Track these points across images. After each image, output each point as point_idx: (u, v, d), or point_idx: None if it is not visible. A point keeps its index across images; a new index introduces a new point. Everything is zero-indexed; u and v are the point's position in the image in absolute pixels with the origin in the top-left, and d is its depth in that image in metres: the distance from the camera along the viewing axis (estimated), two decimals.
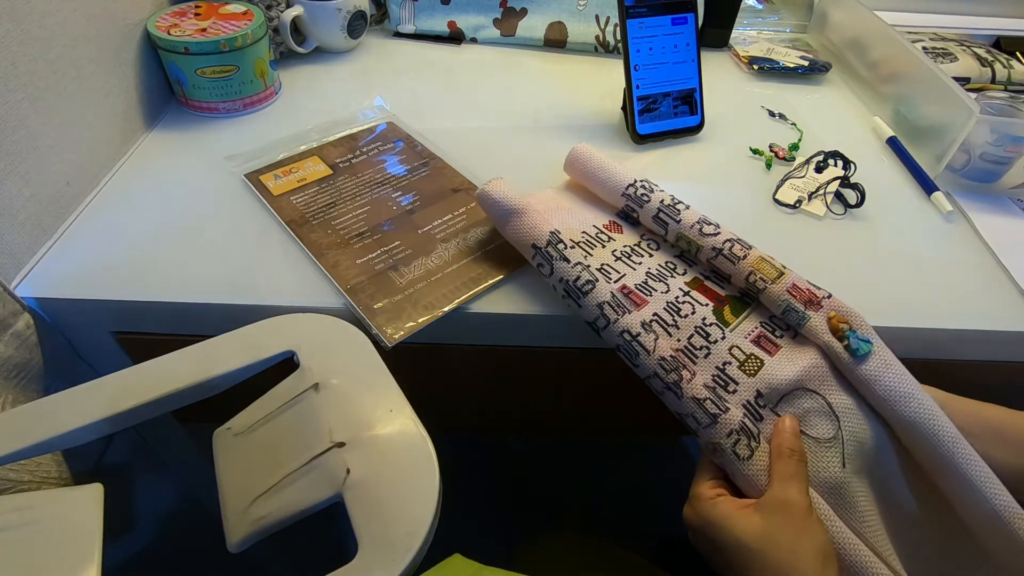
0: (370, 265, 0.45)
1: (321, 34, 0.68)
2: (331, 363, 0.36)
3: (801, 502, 0.33)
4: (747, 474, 0.35)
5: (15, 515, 0.30)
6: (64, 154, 0.47)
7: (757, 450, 0.35)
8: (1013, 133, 0.52)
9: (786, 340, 0.40)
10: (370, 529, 0.29)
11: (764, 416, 0.37)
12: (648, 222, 0.46)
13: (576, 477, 1.02)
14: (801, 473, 0.34)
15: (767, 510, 0.33)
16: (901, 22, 0.76)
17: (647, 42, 0.57)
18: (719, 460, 0.36)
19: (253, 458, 0.34)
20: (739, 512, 0.34)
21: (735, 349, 0.39)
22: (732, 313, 0.41)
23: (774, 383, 0.37)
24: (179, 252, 0.46)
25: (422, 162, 0.55)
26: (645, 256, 0.45)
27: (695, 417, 0.36)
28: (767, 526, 0.33)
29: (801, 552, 0.32)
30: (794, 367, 0.38)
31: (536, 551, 0.56)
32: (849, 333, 0.38)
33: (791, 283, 0.40)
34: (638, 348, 0.38)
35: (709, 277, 0.44)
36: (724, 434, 0.35)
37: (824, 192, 0.54)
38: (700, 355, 0.39)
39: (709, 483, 0.36)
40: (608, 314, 0.39)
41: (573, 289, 0.40)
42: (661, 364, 0.37)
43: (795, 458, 0.35)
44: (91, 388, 0.34)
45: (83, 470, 0.44)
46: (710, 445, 0.36)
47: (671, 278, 0.43)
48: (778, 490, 0.34)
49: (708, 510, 0.35)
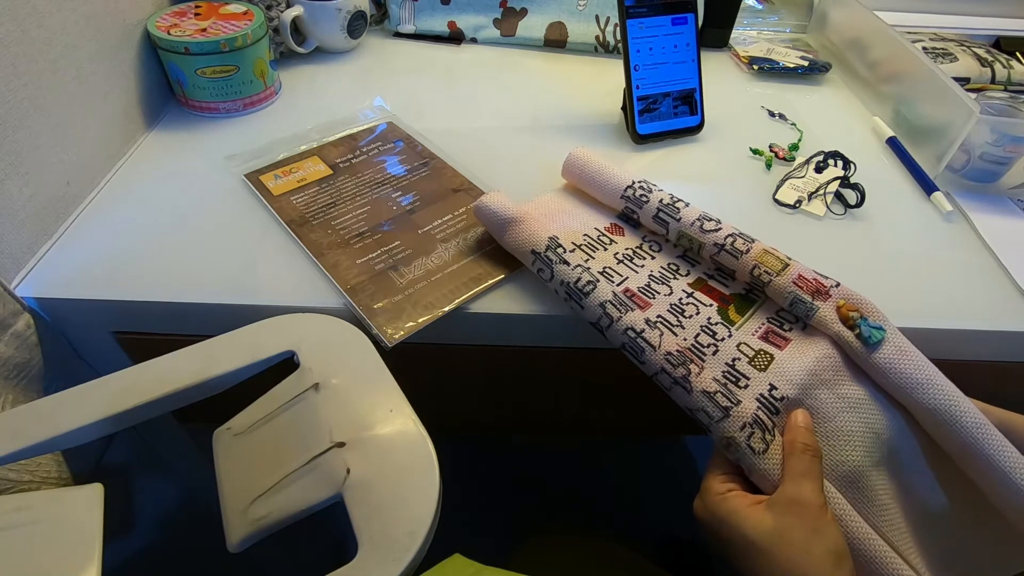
0: (370, 265, 0.45)
1: (321, 34, 0.68)
2: (331, 363, 0.36)
3: (814, 500, 0.32)
4: (763, 468, 0.34)
5: (15, 515, 0.30)
6: (64, 154, 0.47)
7: (773, 443, 0.34)
8: (1013, 133, 0.52)
9: (795, 333, 0.39)
10: (370, 529, 0.29)
11: (780, 409, 0.36)
12: (648, 223, 0.46)
13: (576, 477, 1.02)
14: (815, 470, 0.33)
15: (779, 508, 0.32)
16: (901, 22, 0.76)
17: (647, 42, 0.57)
18: (734, 456, 0.35)
19: (253, 458, 0.34)
20: (750, 509, 0.33)
21: (743, 346, 0.38)
22: (737, 312, 0.41)
23: (786, 376, 0.36)
24: (179, 252, 0.46)
25: (422, 162, 0.55)
26: (647, 259, 0.45)
27: (706, 411, 0.35)
28: (778, 525, 0.32)
29: (813, 552, 0.31)
30: (805, 359, 0.37)
31: (536, 551, 0.56)
32: (860, 321, 0.37)
33: (797, 274, 0.39)
34: (643, 344, 0.37)
35: (713, 276, 0.43)
36: (738, 427, 0.34)
37: (824, 192, 0.54)
38: (708, 352, 0.38)
39: (721, 477, 0.35)
40: (611, 312, 0.39)
41: (574, 291, 0.40)
42: (668, 359, 0.37)
43: (808, 454, 0.34)
44: (91, 388, 0.34)
45: (83, 470, 0.44)
46: (724, 440, 0.35)
47: (674, 280, 0.43)
48: (790, 488, 0.33)
49: (718, 505, 0.34)
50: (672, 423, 0.57)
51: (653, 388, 0.39)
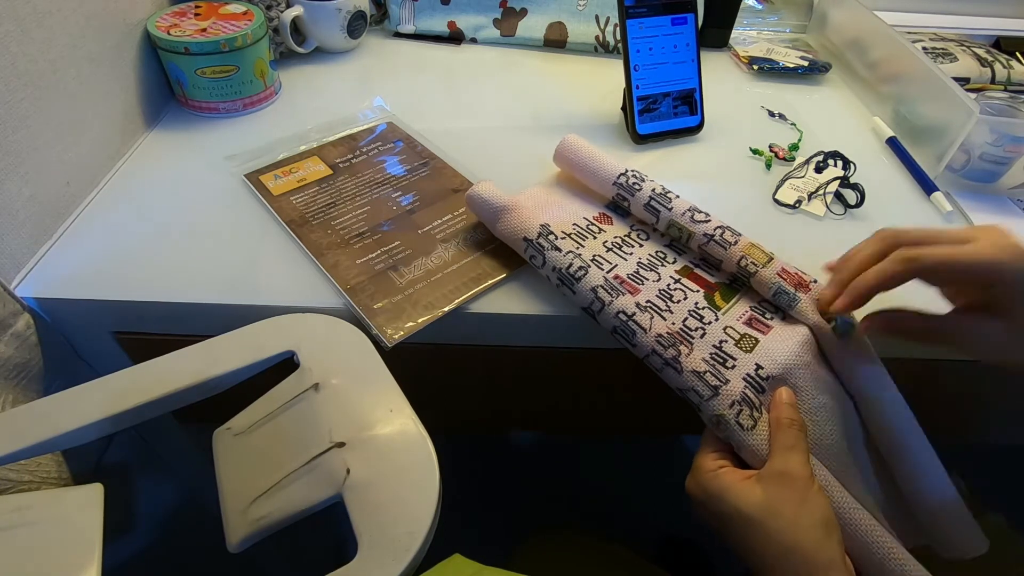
0: (370, 265, 0.45)
1: (321, 34, 0.68)
2: (331, 363, 0.36)
3: (802, 472, 0.33)
4: (751, 444, 0.35)
5: (15, 515, 0.30)
6: (64, 154, 0.47)
7: (760, 420, 0.36)
8: (1013, 133, 0.52)
9: (776, 321, 0.41)
10: (370, 529, 0.29)
11: (765, 388, 0.37)
12: (639, 211, 0.46)
13: (577, 477, 1.02)
14: (801, 444, 0.35)
15: (768, 481, 0.33)
16: (901, 22, 0.76)
17: (647, 42, 0.57)
18: (723, 433, 0.36)
19: (253, 458, 0.34)
20: (741, 483, 0.34)
21: (729, 329, 0.40)
22: (722, 299, 0.43)
23: (771, 357, 0.38)
24: (179, 252, 0.46)
25: (422, 162, 0.55)
26: (635, 246, 0.46)
27: (696, 391, 0.37)
28: (768, 497, 0.33)
29: (802, 522, 0.32)
30: (788, 344, 0.39)
31: (536, 551, 0.56)
32: (837, 315, 0.39)
33: (780, 267, 0.41)
34: (635, 327, 0.38)
35: (698, 265, 0.45)
36: (727, 405, 0.36)
37: (824, 192, 0.54)
38: (696, 335, 0.40)
39: (712, 455, 0.36)
40: (603, 297, 0.40)
41: (566, 276, 0.41)
42: (659, 341, 0.38)
43: (795, 428, 0.35)
44: (91, 388, 0.34)
45: (83, 470, 0.44)
46: (714, 418, 0.36)
47: (662, 267, 0.44)
48: (779, 461, 0.34)
49: (710, 482, 0.35)
50: (672, 423, 0.57)
51: (652, 388, 0.39)
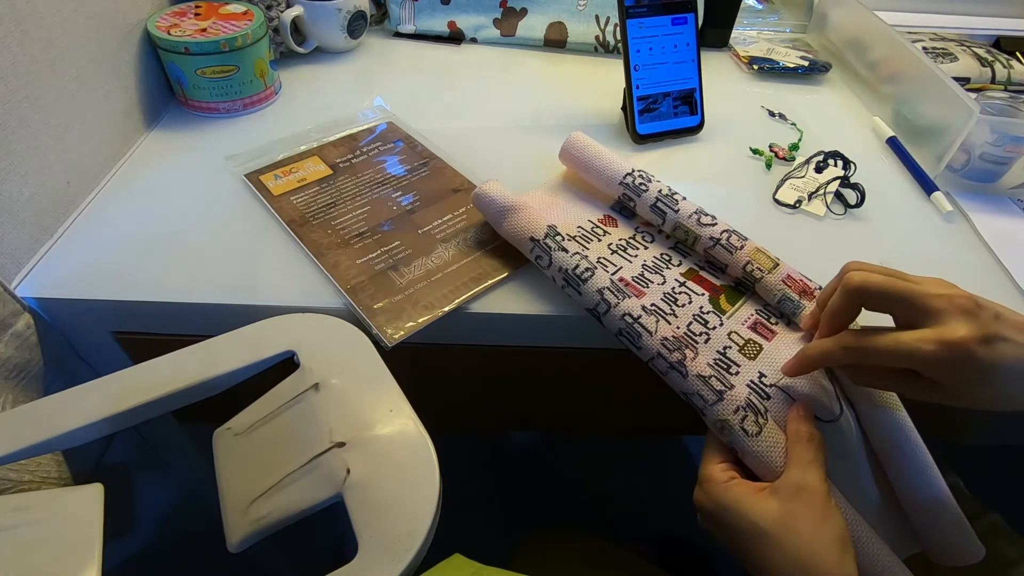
0: (370, 265, 0.45)
1: (321, 34, 0.68)
2: (331, 363, 0.36)
3: (821, 488, 0.32)
4: (756, 451, 0.35)
5: (15, 515, 0.30)
6: (64, 154, 0.47)
7: (765, 427, 0.35)
8: (1013, 133, 0.52)
9: (781, 327, 0.41)
10: (370, 529, 0.29)
11: (771, 394, 0.37)
12: (645, 212, 0.46)
13: (577, 477, 1.02)
14: (820, 459, 0.33)
15: (785, 494, 0.32)
16: (901, 22, 0.76)
17: (647, 42, 0.57)
18: (727, 439, 0.36)
19: (253, 458, 0.34)
20: (755, 496, 0.33)
21: (733, 334, 0.40)
22: (728, 302, 0.42)
23: (775, 366, 0.38)
24: (179, 252, 0.46)
25: (422, 162, 0.55)
26: (640, 249, 0.46)
27: (701, 395, 0.36)
28: (785, 511, 0.32)
29: (821, 539, 0.31)
30: (791, 352, 0.38)
31: (536, 551, 0.56)
32: None
33: (786, 274, 0.41)
34: (640, 330, 0.38)
35: (704, 268, 0.45)
36: (731, 410, 0.35)
37: (824, 192, 0.54)
38: (700, 340, 0.40)
39: (720, 465, 0.35)
40: (608, 298, 0.39)
41: (572, 277, 0.41)
42: (664, 344, 0.38)
43: (814, 443, 0.34)
44: (91, 388, 0.34)
45: (83, 470, 0.44)
46: (718, 423, 0.36)
47: (667, 269, 0.44)
48: (797, 475, 0.33)
49: (721, 493, 0.34)
50: (672, 423, 0.57)
51: (652, 388, 0.39)
